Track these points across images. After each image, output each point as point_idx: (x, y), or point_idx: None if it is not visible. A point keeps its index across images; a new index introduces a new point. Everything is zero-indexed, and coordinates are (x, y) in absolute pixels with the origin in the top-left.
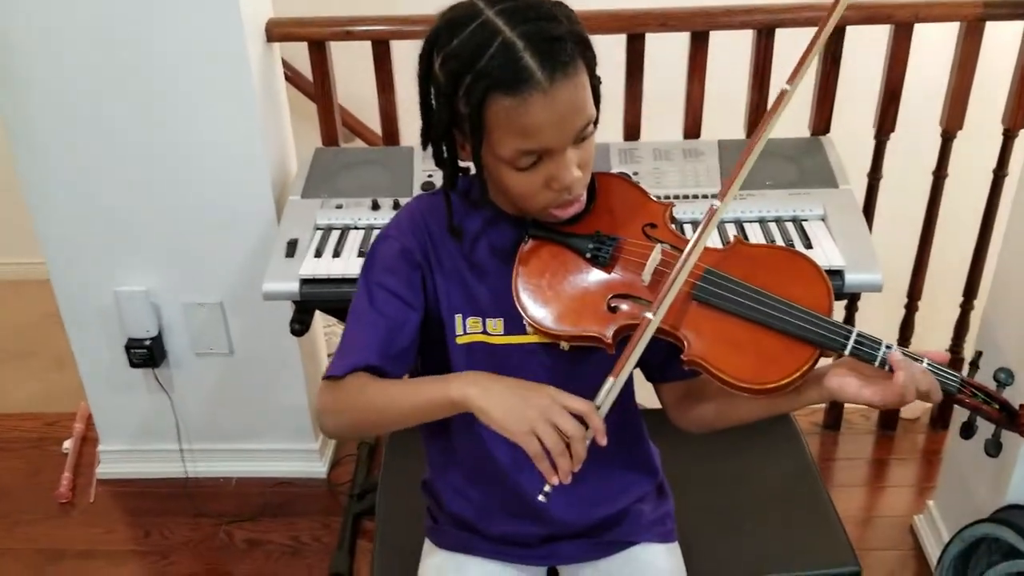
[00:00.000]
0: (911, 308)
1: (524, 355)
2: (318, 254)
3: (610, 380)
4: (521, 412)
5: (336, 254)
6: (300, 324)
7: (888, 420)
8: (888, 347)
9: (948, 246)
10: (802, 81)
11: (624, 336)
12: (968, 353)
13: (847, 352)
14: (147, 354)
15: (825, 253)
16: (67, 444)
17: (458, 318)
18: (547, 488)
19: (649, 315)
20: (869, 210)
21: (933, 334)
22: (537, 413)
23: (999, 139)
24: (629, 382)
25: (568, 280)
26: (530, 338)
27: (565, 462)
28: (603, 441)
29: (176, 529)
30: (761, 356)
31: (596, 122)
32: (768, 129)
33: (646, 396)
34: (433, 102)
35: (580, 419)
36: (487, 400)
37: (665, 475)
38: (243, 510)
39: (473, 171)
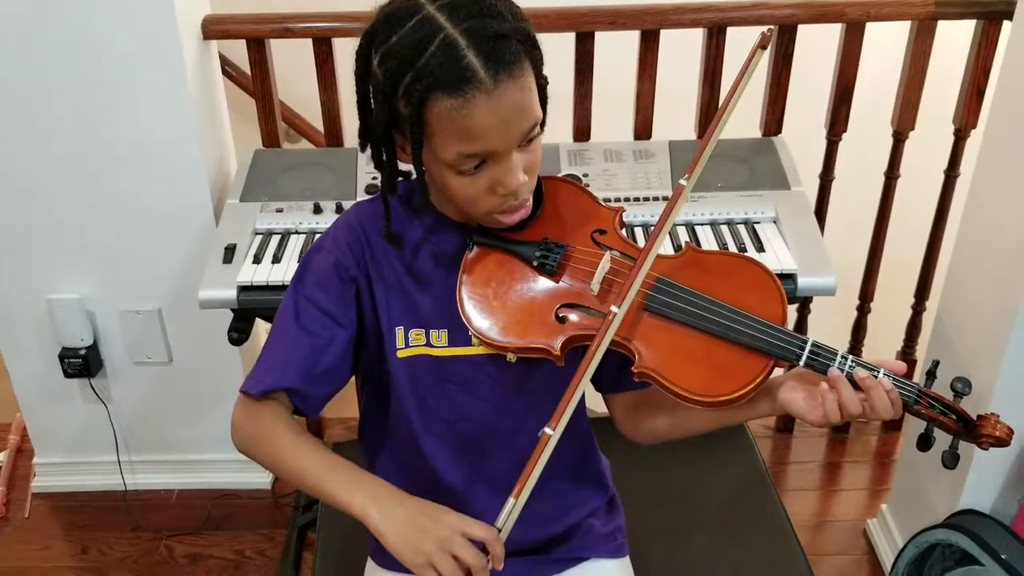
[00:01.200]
0: (863, 310)
1: (470, 367)
2: (257, 260)
3: (511, 501)
4: (417, 544)
5: (276, 260)
6: (238, 332)
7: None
8: (843, 358)
9: (900, 248)
10: (749, 88)
11: (573, 347)
12: (920, 355)
13: (801, 363)
14: (82, 364)
15: (777, 256)
16: (1, 457)
17: (399, 331)
18: None
19: (548, 430)
20: (821, 211)
21: (885, 336)
22: (435, 546)
23: (951, 139)
24: (581, 397)
25: (514, 289)
26: (476, 349)
27: None
28: (500, 567)
29: (115, 544)
30: (714, 368)
31: (543, 124)
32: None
33: (595, 401)
34: (372, 101)
35: (482, 545)
36: (385, 525)
37: (615, 487)
38: (184, 523)
39: (414, 175)
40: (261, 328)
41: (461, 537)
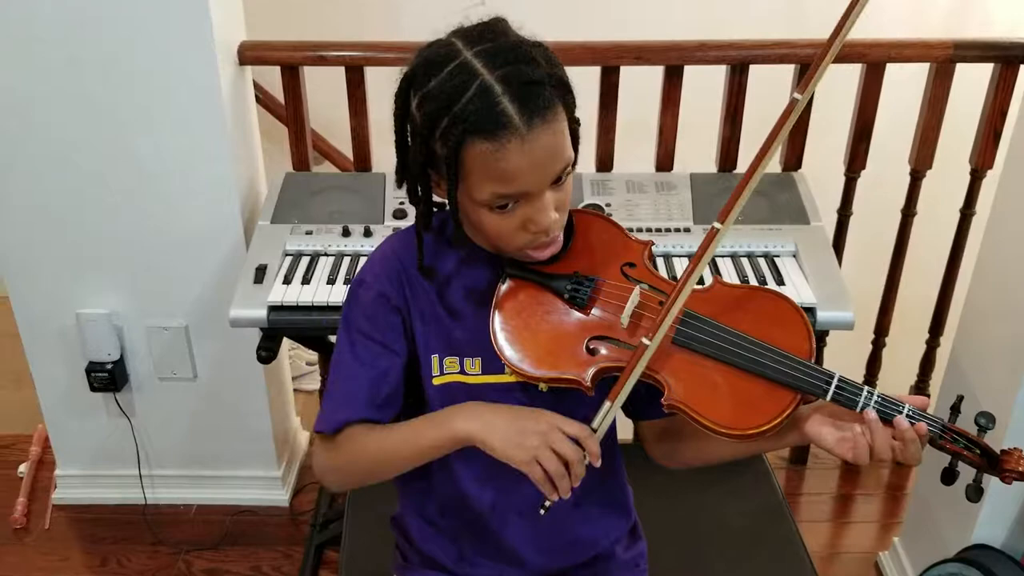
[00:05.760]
0: (878, 344)
1: (502, 394)
2: (287, 280)
3: (607, 404)
4: (521, 442)
5: (305, 281)
6: (267, 351)
7: None
8: (869, 393)
9: (915, 283)
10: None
11: (603, 378)
12: (934, 390)
13: (828, 398)
14: (108, 378)
15: (797, 290)
16: (23, 468)
17: (435, 359)
18: (547, 503)
19: (646, 340)
20: (838, 246)
21: (899, 370)
22: (538, 440)
23: (967, 178)
24: (612, 424)
25: (546, 321)
26: (509, 377)
27: (565, 483)
28: (597, 463)
29: (134, 557)
30: (741, 401)
31: (574, 163)
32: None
33: (618, 428)
34: (409, 141)
35: (578, 442)
36: (489, 434)
37: (637, 514)
38: (203, 538)
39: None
40: (285, 345)
41: (559, 432)
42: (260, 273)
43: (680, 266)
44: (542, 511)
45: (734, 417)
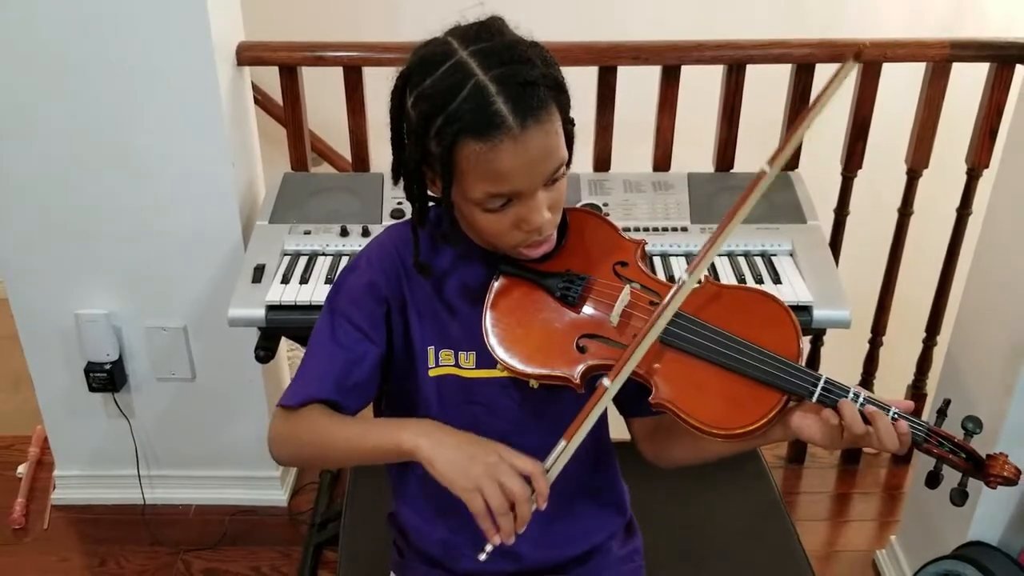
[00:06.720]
0: (875, 343)
1: (495, 389)
2: (285, 280)
3: (562, 443)
4: (466, 468)
5: (304, 280)
6: (265, 351)
7: (851, 454)
8: (855, 394)
9: (912, 282)
10: (768, 123)
11: (593, 376)
12: (931, 389)
13: (814, 399)
14: (107, 378)
15: (793, 289)
16: (22, 468)
17: (430, 351)
18: (488, 547)
19: (606, 382)
20: (835, 245)
21: (896, 369)
22: (483, 470)
23: (963, 178)
24: (603, 417)
25: (537, 319)
26: (501, 372)
27: (507, 522)
28: (543, 506)
29: (132, 558)
30: (728, 401)
31: (568, 163)
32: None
33: (614, 427)
34: (405, 139)
35: (528, 479)
36: (435, 452)
37: (633, 511)
38: (202, 539)
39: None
40: (283, 346)
41: (508, 466)
42: (258, 273)
43: (677, 265)
44: (482, 556)
45: (721, 417)
